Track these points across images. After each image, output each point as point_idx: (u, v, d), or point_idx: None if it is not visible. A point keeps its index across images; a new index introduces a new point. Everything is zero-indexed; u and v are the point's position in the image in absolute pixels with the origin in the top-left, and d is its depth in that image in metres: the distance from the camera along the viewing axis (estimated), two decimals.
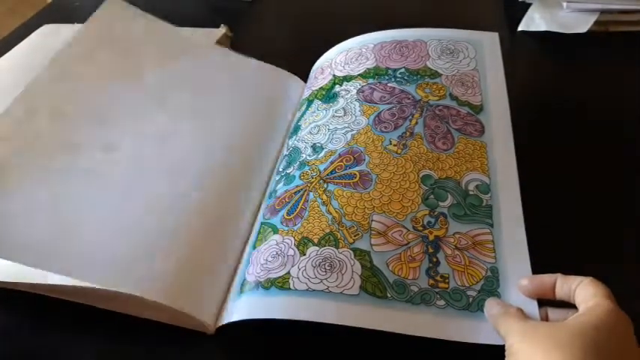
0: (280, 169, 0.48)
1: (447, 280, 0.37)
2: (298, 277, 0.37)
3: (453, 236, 0.39)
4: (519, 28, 0.69)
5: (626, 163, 0.50)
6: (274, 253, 0.40)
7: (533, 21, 0.69)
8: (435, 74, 0.52)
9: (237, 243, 0.44)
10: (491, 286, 0.36)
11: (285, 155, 0.49)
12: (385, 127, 0.47)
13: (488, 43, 0.55)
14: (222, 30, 0.72)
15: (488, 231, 0.39)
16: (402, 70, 0.53)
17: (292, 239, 0.40)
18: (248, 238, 0.44)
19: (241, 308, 0.38)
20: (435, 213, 0.40)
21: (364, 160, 0.44)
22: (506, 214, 0.40)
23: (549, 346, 0.29)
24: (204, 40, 0.69)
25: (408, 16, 0.77)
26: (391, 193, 0.42)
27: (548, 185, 0.47)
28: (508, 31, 0.71)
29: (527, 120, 0.53)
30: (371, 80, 0.52)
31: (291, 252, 0.39)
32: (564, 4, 0.68)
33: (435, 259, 0.38)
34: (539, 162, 0.49)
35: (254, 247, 0.41)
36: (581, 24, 0.66)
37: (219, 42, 0.70)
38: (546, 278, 0.35)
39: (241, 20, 0.78)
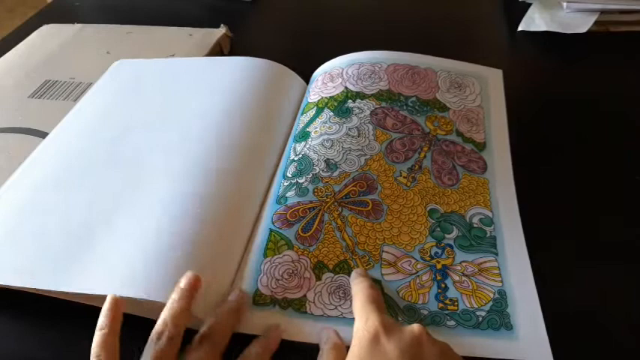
0: (289, 175, 0.48)
1: (455, 303, 0.39)
2: (314, 303, 0.39)
3: (460, 264, 0.41)
4: (519, 28, 0.69)
5: (627, 163, 0.50)
6: (290, 271, 0.41)
7: (533, 21, 0.69)
8: (444, 108, 0.54)
9: (240, 242, 0.44)
10: (500, 307, 0.38)
11: (294, 160, 0.49)
12: (396, 157, 0.49)
13: (493, 79, 0.57)
14: (222, 30, 0.72)
15: (494, 259, 0.41)
16: (414, 99, 0.55)
17: (308, 261, 0.42)
18: (250, 238, 0.44)
19: (259, 324, 0.39)
20: (442, 244, 0.43)
21: (376, 189, 0.47)
22: (510, 244, 0.43)
23: None
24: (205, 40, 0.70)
25: (409, 16, 0.76)
26: (400, 225, 0.44)
27: (547, 185, 0.48)
28: (508, 31, 0.71)
29: (526, 120, 0.53)
30: (384, 104, 0.54)
31: (307, 274, 0.41)
32: (564, 4, 0.68)
33: (443, 285, 0.40)
34: (539, 162, 0.50)
35: (265, 255, 0.42)
36: (581, 24, 0.66)
37: (219, 42, 0.71)
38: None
39: (241, 20, 0.78)
